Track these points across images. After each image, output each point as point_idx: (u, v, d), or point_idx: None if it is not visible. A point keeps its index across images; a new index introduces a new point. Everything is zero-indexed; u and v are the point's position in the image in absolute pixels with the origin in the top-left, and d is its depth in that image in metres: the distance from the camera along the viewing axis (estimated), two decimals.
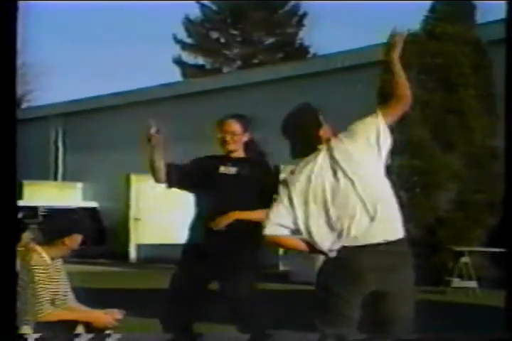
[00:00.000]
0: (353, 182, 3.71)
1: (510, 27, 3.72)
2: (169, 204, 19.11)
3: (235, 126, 5.18)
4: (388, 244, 3.72)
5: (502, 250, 10.51)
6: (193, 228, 5.16)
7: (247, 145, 5.24)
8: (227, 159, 5.18)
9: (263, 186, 4.96)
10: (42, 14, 49.51)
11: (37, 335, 3.88)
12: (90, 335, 4.17)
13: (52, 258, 4.44)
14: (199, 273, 5.04)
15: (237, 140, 5.17)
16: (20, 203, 20.41)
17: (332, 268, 3.73)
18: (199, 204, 5.20)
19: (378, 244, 3.70)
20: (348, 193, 3.71)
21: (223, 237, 4.94)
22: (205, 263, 5.00)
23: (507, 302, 3.93)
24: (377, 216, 3.70)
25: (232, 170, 5.14)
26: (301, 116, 3.87)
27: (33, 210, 19.33)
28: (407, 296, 3.80)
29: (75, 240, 4.43)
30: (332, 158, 3.75)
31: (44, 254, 4.38)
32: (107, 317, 4.42)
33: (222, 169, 5.14)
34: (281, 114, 3.90)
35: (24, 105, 38.08)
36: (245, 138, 5.21)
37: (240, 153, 5.21)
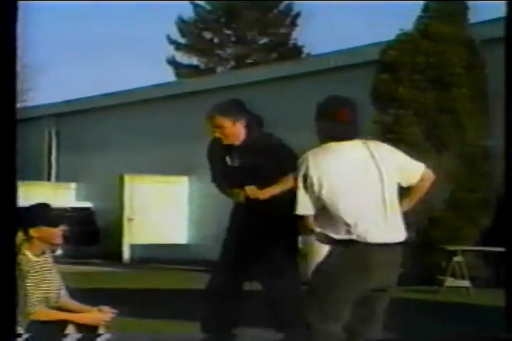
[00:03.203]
0: (382, 181, 3.87)
1: (510, 27, 3.71)
2: (162, 204, 19.09)
3: (221, 120, 4.95)
4: (396, 244, 3.87)
5: (495, 249, 10.54)
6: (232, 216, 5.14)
7: (248, 128, 4.99)
8: (229, 148, 5.02)
9: (273, 165, 4.87)
10: (37, 13, 49.43)
11: (27, 335, 3.87)
12: (79, 335, 4.14)
13: (37, 255, 4.37)
14: (237, 273, 4.95)
15: (228, 133, 4.95)
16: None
17: (343, 261, 3.81)
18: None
19: (389, 244, 3.84)
20: (375, 189, 3.86)
21: (261, 230, 4.90)
22: (245, 263, 4.93)
23: (507, 302, 3.96)
24: (390, 216, 3.88)
25: (236, 160, 5.01)
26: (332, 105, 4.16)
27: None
28: (390, 295, 3.98)
29: (50, 232, 4.32)
30: (371, 154, 3.90)
31: (28, 252, 4.33)
32: (97, 316, 4.39)
33: (228, 160, 5.05)
34: (275, 114, 3.93)
35: (18, 105, 38.03)
36: (240, 125, 4.97)
37: (240, 140, 4.98)
